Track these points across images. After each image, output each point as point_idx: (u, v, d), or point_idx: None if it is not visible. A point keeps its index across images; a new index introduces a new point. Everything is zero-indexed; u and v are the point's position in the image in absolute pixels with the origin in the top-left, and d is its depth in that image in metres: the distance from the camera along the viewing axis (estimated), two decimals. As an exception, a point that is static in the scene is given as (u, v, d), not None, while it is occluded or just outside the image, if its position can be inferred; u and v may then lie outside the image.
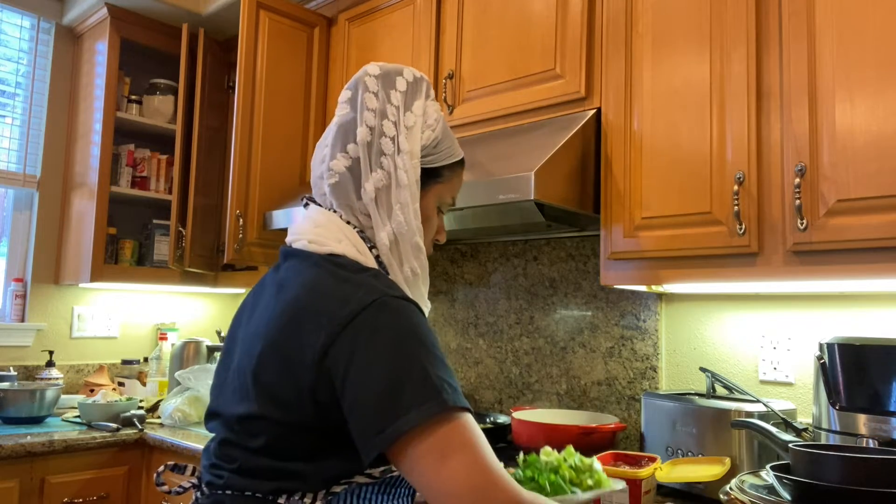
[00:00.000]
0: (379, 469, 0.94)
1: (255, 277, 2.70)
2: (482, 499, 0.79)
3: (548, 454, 1.16)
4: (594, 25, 1.73)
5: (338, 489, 0.91)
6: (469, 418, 0.85)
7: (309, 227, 1.01)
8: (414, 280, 1.01)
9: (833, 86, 1.31)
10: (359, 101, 1.02)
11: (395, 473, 0.97)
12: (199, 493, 0.99)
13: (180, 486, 1.03)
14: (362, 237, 1.00)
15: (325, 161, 1.02)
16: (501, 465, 0.84)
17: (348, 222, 1.01)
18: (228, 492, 0.93)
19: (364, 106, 1.01)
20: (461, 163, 1.11)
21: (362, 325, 0.86)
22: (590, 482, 1.13)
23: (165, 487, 1.07)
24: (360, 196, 1.00)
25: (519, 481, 1.09)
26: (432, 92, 1.08)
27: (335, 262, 0.96)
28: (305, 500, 0.89)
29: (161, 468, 1.08)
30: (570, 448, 1.18)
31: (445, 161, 1.07)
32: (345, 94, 1.05)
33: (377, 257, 1.00)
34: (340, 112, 1.04)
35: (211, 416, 1.01)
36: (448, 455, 0.81)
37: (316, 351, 0.87)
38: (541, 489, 1.08)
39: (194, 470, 1.06)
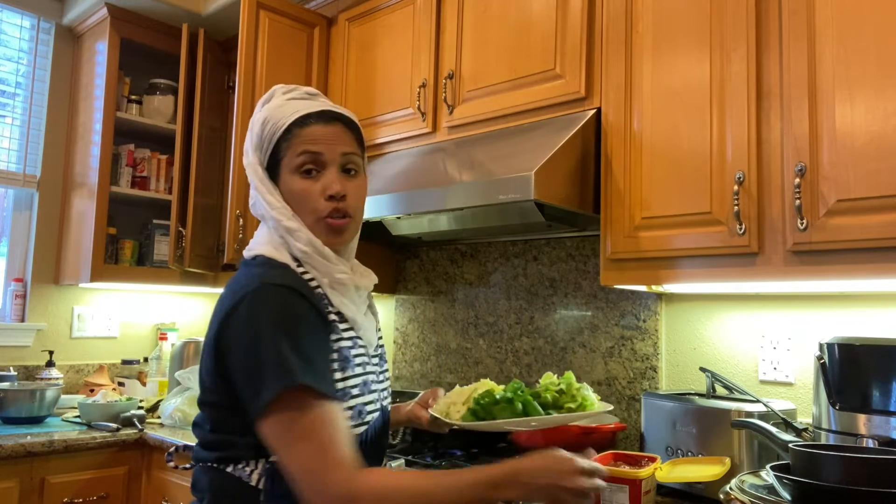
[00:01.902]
0: None
1: (255, 277, 2.70)
2: (317, 481, 0.90)
3: (548, 378, 1.24)
4: (594, 25, 1.73)
5: (275, 458, 0.99)
6: (321, 402, 0.93)
7: (252, 240, 1.15)
8: (311, 256, 1.07)
9: (833, 86, 1.31)
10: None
11: None
12: None
13: (189, 464, 1.15)
14: (284, 240, 1.09)
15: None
16: (348, 447, 0.93)
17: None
18: (199, 464, 1.08)
19: (250, 143, 1.14)
20: (298, 122, 1.09)
21: (238, 313, 0.98)
22: (571, 405, 1.19)
23: (173, 464, 1.25)
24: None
25: (497, 401, 1.19)
26: (273, 95, 1.15)
27: (251, 263, 1.09)
28: (247, 468, 1.01)
29: (172, 448, 1.28)
30: (569, 374, 1.24)
31: (275, 140, 1.10)
32: None
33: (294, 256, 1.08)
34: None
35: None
36: (294, 440, 0.91)
37: (212, 339, 1.02)
38: (513, 411, 1.17)
39: None
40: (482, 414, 1.19)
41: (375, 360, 1.15)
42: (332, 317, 1.06)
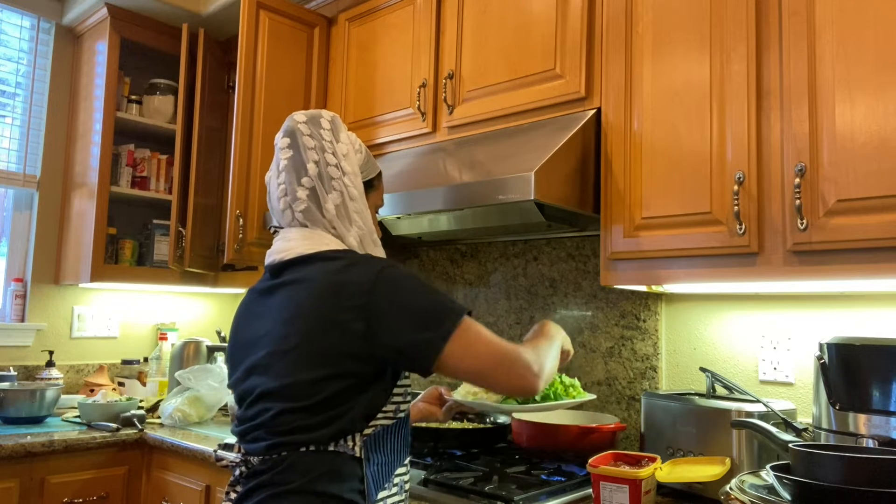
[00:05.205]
0: (391, 409, 1.20)
1: (254, 277, 2.70)
2: (505, 363, 1.17)
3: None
4: (594, 25, 1.73)
5: (368, 431, 1.16)
6: (470, 319, 1.18)
7: (297, 242, 1.24)
8: None
9: (833, 86, 1.31)
10: (299, 144, 1.28)
11: (401, 414, 1.23)
12: (243, 468, 1.18)
13: (231, 462, 1.22)
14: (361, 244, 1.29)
15: (287, 194, 1.27)
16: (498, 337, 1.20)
17: (327, 231, 1.26)
18: (283, 451, 1.12)
19: (305, 147, 1.27)
20: (380, 174, 1.42)
21: (384, 284, 1.14)
22: (574, 394, 1.50)
23: (223, 462, 1.28)
24: (323, 214, 1.25)
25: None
26: (341, 124, 1.35)
27: (334, 256, 1.21)
28: (350, 442, 1.13)
29: (216, 447, 1.35)
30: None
31: (373, 174, 1.38)
32: (284, 142, 1.30)
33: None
34: (285, 156, 1.28)
35: (258, 399, 1.17)
36: (473, 345, 1.15)
37: (356, 311, 1.12)
38: (544, 397, 1.43)
39: (240, 448, 1.23)
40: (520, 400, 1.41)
41: None
42: None
